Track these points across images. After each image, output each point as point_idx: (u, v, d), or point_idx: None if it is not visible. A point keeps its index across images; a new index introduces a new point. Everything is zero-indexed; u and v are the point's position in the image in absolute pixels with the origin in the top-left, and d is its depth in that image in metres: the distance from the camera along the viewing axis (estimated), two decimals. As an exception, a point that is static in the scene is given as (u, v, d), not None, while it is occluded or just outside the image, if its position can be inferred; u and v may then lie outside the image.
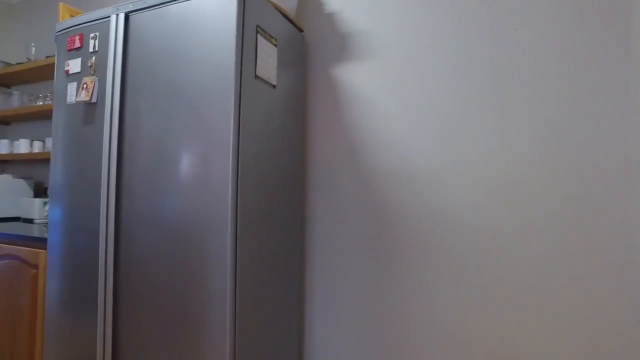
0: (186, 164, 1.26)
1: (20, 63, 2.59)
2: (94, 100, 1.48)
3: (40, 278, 1.72)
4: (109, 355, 1.37)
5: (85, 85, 1.51)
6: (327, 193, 1.71)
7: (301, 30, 1.72)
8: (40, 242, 1.72)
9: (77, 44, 1.56)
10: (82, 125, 1.53)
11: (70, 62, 1.58)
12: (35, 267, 1.73)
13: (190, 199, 1.25)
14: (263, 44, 1.39)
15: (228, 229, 1.19)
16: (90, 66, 1.51)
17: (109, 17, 1.48)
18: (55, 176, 1.60)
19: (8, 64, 2.75)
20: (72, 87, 1.57)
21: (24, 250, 1.78)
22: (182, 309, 1.25)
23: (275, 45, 1.48)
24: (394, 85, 1.60)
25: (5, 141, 2.69)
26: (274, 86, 1.46)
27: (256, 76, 1.35)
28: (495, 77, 1.42)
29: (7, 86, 2.95)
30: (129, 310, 1.35)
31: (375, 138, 1.62)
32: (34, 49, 2.68)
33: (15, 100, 2.70)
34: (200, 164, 1.24)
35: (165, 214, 1.29)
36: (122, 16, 1.43)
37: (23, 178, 2.63)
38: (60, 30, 1.64)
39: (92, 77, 1.49)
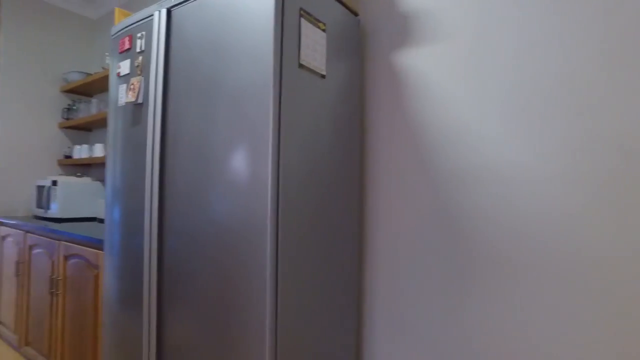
0: (227, 162, 1.16)
1: (97, 72, 2.73)
2: (139, 100, 1.45)
3: (101, 278, 1.74)
4: (153, 351, 1.33)
5: (132, 86, 1.48)
6: (391, 195, 1.52)
7: (356, 14, 1.55)
8: (100, 243, 1.75)
9: (127, 45, 1.54)
10: (130, 126, 1.51)
11: (121, 63, 1.57)
12: (97, 267, 1.76)
13: (230, 198, 1.15)
14: (308, 29, 1.25)
15: (267, 230, 1.07)
16: (137, 66, 1.48)
17: (153, 14, 1.43)
18: (109, 178, 1.61)
19: (89, 74, 2.91)
20: (122, 89, 1.56)
21: (87, 251, 1.82)
22: (222, 310, 1.16)
23: (324, 31, 1.33)
24: (466, 72, 1.37)
25: (86, 146, 2.85)
26: (323, 76, 1.32)
27: (300, 65, 1.21)
28: (607, 53, 1.14)
29: (89, 95, 3.14)
30: (172, 308, 1.30)
31: (446, 132, 1.40)
32: (107, 58, 2.81)
33: (94, 108, 2.86)
34: (240, 162, 1.14)
35: (207, 214, 1.21)
36: (164, 12, 1.38)
37: (100, 180, 2.76)
38: (114, 34, 1.64)
39: (138, 78, 1.46)
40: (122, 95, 1.55)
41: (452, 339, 1.35)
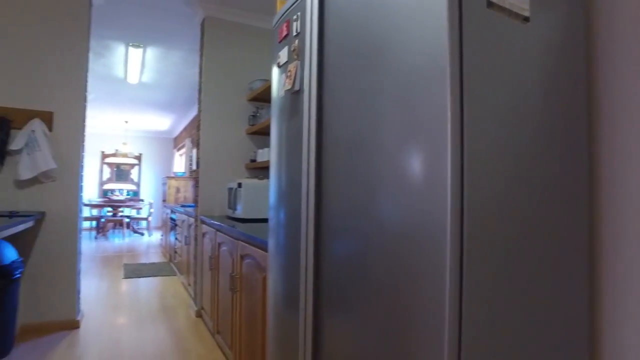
0: (393, 156, 0.90)
1: (275, 76, 2.82)
2: (296, 87, 1.31)
3: (267, 280, 1.68)
4: (309, 354, 1.17)
5: (289, 73, 1.36)
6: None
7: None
8: (267, 245, 1.69)
9: (285, 32, 1.44)
10: (289, 118, 1.39)
11: (280, 52, 1.47)
12: (264, 269, 1.71)
13: (396, 196, 0.88)
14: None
15: (447, 235, 0.75)
16: (293, 51, 1.35)
17: (306, -10, 1.28)
18: (272, 177, 1.53)
19: (267, 81, 3.05)
20: (281, 79, 1.46)
21: (258, 252, 1.80)
22: (385, 322, 0.89)
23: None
24: None
25: (267, 149, 2.98)
26: (526, 19, 0.92)
27: (489, 3, 0.85)
28: None
29: (269, 101, 3.30)
30: (331, 314, 1.10)
31: None
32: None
33: (274, 112, 2.97)
34: (410, 154, 0.85)
35: (369, 215, 0.96)
36: (316, -16, 1.20)
37: (279, 182, 2.84)
38: (274, 25, 1.57)
39: (294, 63, 1.33)
40: (281, 85, 1.45)
41: None
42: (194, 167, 7.10)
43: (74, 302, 2.90)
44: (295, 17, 1.36)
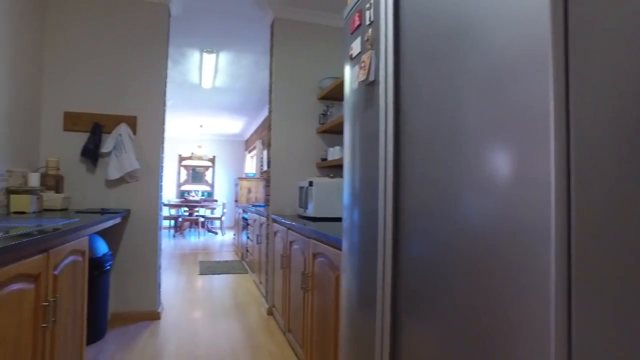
0: (480, 151, 0.82)
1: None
2: (371, 77, 1.26)
3: (341, 279, 1.65)
4: (387, 353, 1.10)
5: (362, 64, 1.31)
6: None
7: None
8: (341, 243, 1.66)
9: (357, 22, 1.39)
10: (363, 112, 1.34)
11: (352, 44, 1.43)
12: (337, 268, 1.68)
13: (487, 198, 0.79)
14: None
15: (551, 242, 0.66)
16: (367, 40, 1.30)
17: (380, -25, 1.23)
18: (346, 175, 1.49)
19: (337, 78, 3.03)
20: (354, 71, 1.42)
21: (330, 251, 1.77)
22: (474, 322, 0.81)
23: None
24: None
25: (337, 148, 2.95)
26: None
27: None
28: None
29: (340, 99, 3.28)
30: (410, 318, 1.03)
31: None
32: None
33: (343, 109, 2.94)
34: (501, 150, 0.77)
35: (452, 215, 0.89)
36: (391, -33, 1.15)
37: (349, 181, 2.80)
38: (345, 18, 1.53)
39: (368, 53, 1.28)
40: (355, 77, 1.41)
41: None
42: (265, 168, 7.29)
43: (156, 295, 3.07)
44: (367, 5, 1.31)
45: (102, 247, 2.56)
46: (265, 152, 7.41)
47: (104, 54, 3.00)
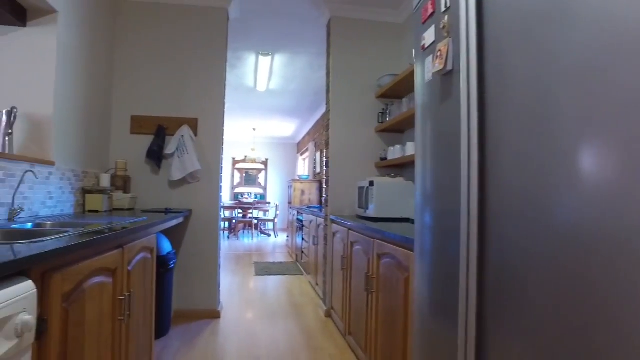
0: (586, 144, 0.73)
1: (404, 71, 2.70)
2: (449, 67, 1.18)
3: (411, 280, 1.57)
4: None
5: (438, 53, 1.23)
6: None
7: None
8: (411, 244, 1.58)
9: (430, 10, 1.32)
10: (439, 104, 1.26)
11: (425, 34, 1.36)
12: (407, 269, 1.60)
13: (592, 199, 0.70)
14: None
15: None
16: (443, 27, 1.23)
17: (460, -44, 1.15)
18: (418, 174, 1.42)
19: (397, 75, 2.94)
20: (427, 62, 1.34)
21: (399, 251, 1.69)
22: (578, 340, 0.72)
23: None
24: None
25: (398, 146, 2.87)
26: None
27: None
28: None
29: (400, 97, 3.19)
30: (498, 328, 0.94)
31: None
32: (414, 52, 2.74)
33: (404, 107, 2.85)
34: (616, 143, 0.68)
35: (553, 216, 0.80)
36: (474, -54, 1.07)
37: (412, 180, 2.70)
38: (415, 8, 1.46)
39: (445, 41, 1.20)
40: (428, 68, 1.33)
41: None
42: (318, 170, 7.29)
43: (216, 294, 3.12)
44: (444, -9, 1.23)
45: (167, 246, 2.63)
46: (318, 154, 7.42)
47: (167, 59, 3.10)
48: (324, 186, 3.42)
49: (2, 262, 0.77)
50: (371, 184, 2.63)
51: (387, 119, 3.10)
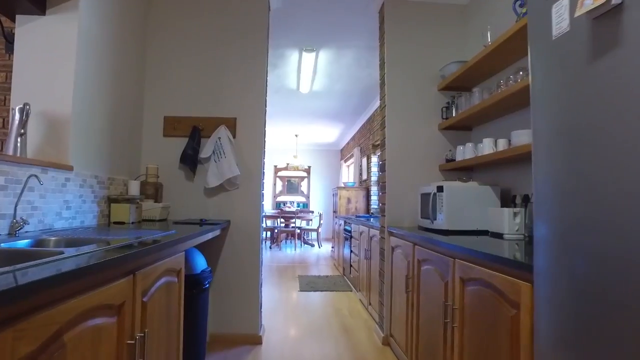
0: None
1: (476, 55, 2.24)
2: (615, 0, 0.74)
3: (523, 319, 1.11)
4: None
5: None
6: None
7: None
8: (522, 270, 1.13)
9: None
10: (585, 64, 0.83)
11: (555, -35, 0.93)
12: (515, 305, 1.15)
13: None
14: None
15: None
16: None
17: None
18: (537, 175, 0.98)
19: (466, 62, 2.49)
20: (557, 10, 0.91)
21: (498, 278, 1.25)
22: None
23: None
24: None
25: (470, 145, 2.40)
26: None
27: None
28: None
29: (469, 88, 2.72)
30: None
31: None
32: (489, 33, 2.28)
33: (475, 98, 2.39)
34: None
35: None
36: None
37: (489, 184, 2.23)
38: None
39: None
40: (562, 15, 0.90)
41: None
42: (364, 177, 6.86)
43: (257, 317, 2.75)
44: None
45: (201, 263, 2.29)
46: (364, 160, 6.98)
47: (202, 53, 2.80)
48: (379, 193, 2.99)
49: None
50: (439, 189, 2.18)
51: (453, 114, 2.64)
